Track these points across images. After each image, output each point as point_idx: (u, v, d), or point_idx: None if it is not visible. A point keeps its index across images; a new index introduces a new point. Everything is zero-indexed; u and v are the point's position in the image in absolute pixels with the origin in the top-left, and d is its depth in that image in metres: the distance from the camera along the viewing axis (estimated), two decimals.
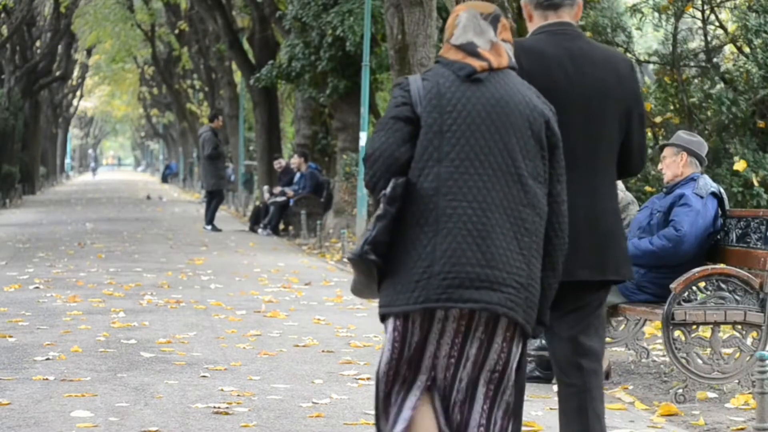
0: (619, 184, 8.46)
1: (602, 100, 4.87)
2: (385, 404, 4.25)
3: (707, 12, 12.41)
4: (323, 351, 8.92)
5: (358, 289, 4.36)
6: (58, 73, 47.09)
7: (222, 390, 7.23)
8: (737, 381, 7.45)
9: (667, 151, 8.00)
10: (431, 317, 4.15)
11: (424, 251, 4.12)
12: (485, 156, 4.18)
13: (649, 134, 12.61)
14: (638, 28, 12.93)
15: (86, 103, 78.34)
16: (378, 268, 4.20)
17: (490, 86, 4.24)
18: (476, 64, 4.24)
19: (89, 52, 54.22)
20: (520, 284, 4.15)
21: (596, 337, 4.92)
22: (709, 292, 7.41)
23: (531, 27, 5.02)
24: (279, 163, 24.45)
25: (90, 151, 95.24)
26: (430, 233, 4.13)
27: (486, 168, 4.17)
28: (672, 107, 12.43)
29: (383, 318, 4.23)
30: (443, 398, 4.24)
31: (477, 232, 4.12)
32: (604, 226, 4.84)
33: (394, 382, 4.24)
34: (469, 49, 4.27)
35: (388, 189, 4.15)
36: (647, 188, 11.91)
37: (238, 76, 38.61)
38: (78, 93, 67.81)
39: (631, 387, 7.97)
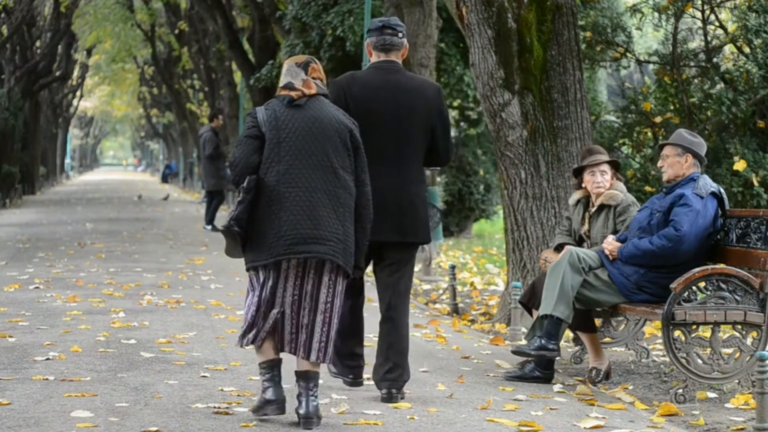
0: (620, 185, 8.49)
1: (410, 117, 7.11)
2: (249, 329, 6.36)
3: (707, 12, 12.40)
4: None
5: (229, 252, 6.42)
6: (58, 73, 47.04)
7: (222, 390, 7.24)
8: (737, 381, 7.45)
9: (669, 150, 7.97)
10: (278, 268, 6.30)
11: (273, 223, 6.25)
12: (308, 156, 6.34)
13: (649, 134, 12.60)
14: (638, 28, 12.91)
15: (86, 103, 78.28)
16: (240, 237, 6.28)
17: (308, 110, 6.44)
18: (293, 94, 6.46)
19: (89, 52, 54.17)
20: (338, 239, 6.30)
21: (408, 283, 7.24)
22: (709, 292, 7.41)
23: (372, 59, 7.29)
24: None
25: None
26: (276, 210, 6.27)
27: (310, 164, 6.33)
28: (672, 107, 12.42)
29: (248, 270, 6.40)
30: (292, 324, 6.31)
31: (306, 207, 6.27)
32: (407, 203, 7.09)
33: (257, 314, 6.34)
34: (289, 86, 6.50)
35: (245, 183, 6.29)
36: (647, 188, 11.91)
37: (238, 76, 38.60)
38: (78, 93, 67.76)
39: (631, 387, 7.98)
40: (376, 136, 7.02)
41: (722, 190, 7.89)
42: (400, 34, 7.18)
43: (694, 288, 7.42)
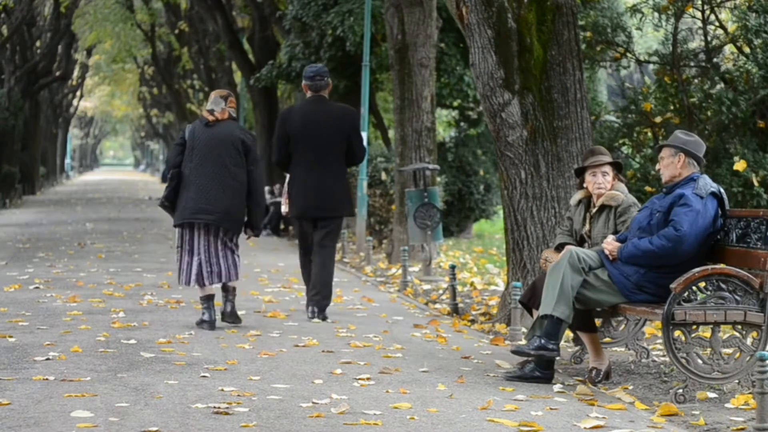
0: (622, 186, 8.50)
1: (332, 132, 10.76)
2: (181, 269, 10.06)
3: (707, 12, 12.40)
4: (323, 351, 8.93)
5: (171, 215, 10.17)
6: (58, 73, 47.04)
7: (222, 390, 7.23)
8: (737, 381, 7.44)
9: (664, 152, 7.98)
10: (192, 227, 10.02)
11: (185, 199, 9.96)
12: (210, 158, 9.99)
13: (649, 134, 12.61)
14: (638, 28, 12.92)
15: (86, 103, 78.28)
16: (170, 208, 10.05)
17: (216, 128, 10.08)
18: (210, 118, 10.07)
19: (89, 52, 54.17)
20: (224, 211, 9.93)
21: (330, 241, 10.86)
22: (709, 292, 7.40)
23: (307, 95, 10.97)
24: None
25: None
26: (187, 192, 9.96)
27: (210, 163, 9.97)
28: (672, 107, 12.42)
29: (175, 226, 10.13)
30: (208, 263, 10.02)
31: (203, 190, 9.91)
32: (329, 191, 10.75)
33: (184, 257, 10.03)
34: (211, 111, 10.09)
35: (169, 175, 10.07)
36: (647, 188, 11.91)
37: (238, 76, 38.61)
38: (78, 93, 67.74)
39: (631, 387, 7.97)
40: (308, 147, 10.72)
41: (722, 190, 7.88)
42: (327, 79, 10.90)
43: (694, 288, 7.41)
